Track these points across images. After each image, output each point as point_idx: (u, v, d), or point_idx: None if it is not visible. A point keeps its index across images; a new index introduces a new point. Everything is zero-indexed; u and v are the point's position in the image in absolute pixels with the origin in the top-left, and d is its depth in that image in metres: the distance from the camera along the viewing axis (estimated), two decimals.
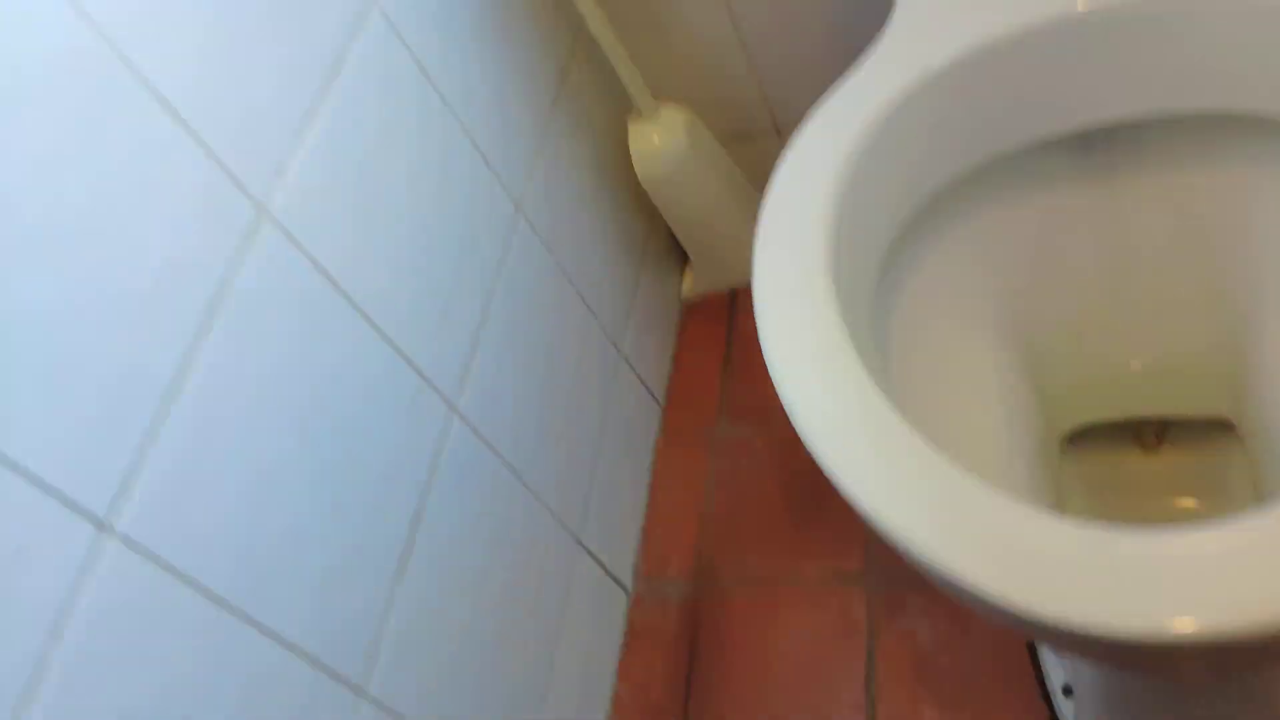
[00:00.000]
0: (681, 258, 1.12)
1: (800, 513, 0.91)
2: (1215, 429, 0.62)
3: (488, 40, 0.79)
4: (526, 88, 0.84)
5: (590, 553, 0.87)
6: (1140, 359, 0.63)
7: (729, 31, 0.95)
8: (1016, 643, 0.76)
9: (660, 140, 0.96)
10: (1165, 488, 0.66)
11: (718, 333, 1.07)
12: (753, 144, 1.04)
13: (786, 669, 0.83)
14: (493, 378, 0.77)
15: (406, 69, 0.69)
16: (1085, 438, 0.66)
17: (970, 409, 0.56)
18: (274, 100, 0.57)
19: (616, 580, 0.91)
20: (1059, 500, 0.59)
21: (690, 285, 1.11)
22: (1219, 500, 0.64)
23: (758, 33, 0.95)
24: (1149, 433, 0.66)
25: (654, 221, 1.06)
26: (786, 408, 0.46)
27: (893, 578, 0.84)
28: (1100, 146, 0.56)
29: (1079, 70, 0.52)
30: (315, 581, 0.56)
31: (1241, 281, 0.56)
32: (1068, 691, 0.69)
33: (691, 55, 0.98)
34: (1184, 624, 0.35)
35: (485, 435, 0.75)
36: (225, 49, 0.54)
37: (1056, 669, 0.71)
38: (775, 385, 0.47)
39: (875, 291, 0.54)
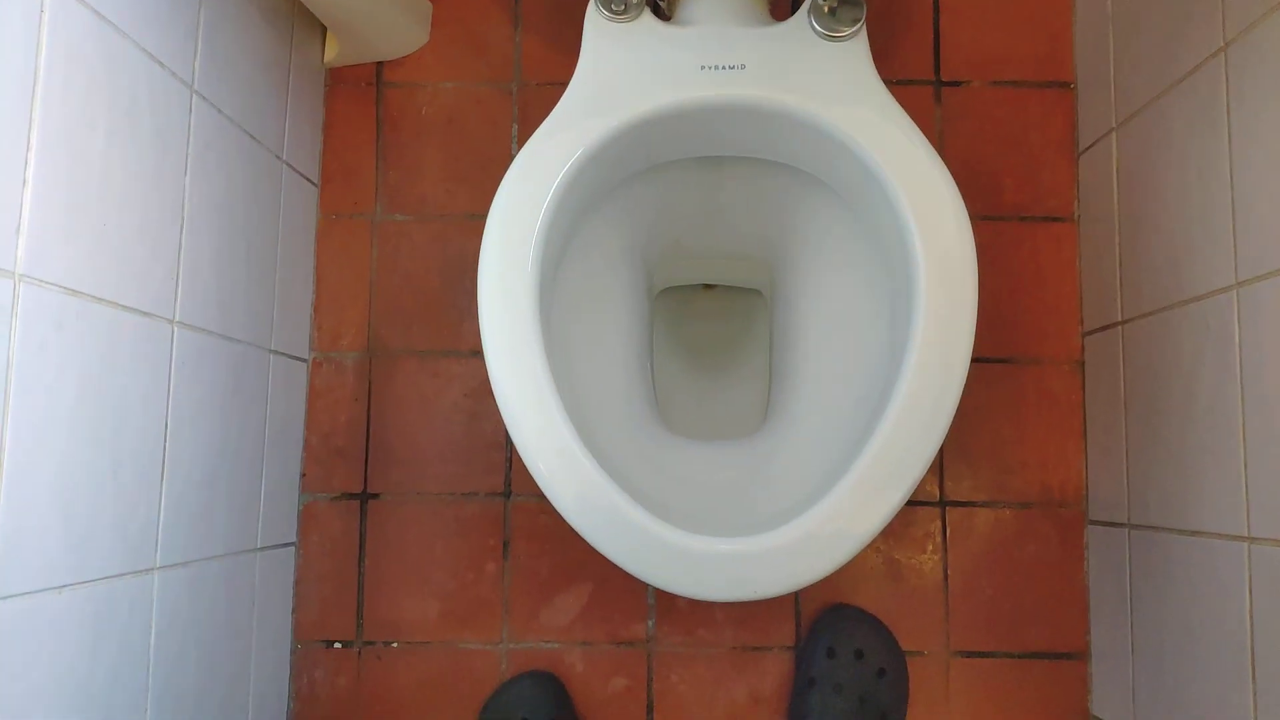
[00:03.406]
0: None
1: (456, 299, 1.06)
2: (750, 291, 1.05)
3: None
4: None
5: (279, 352, 0.98)
6: (714, 254, 0.99)
7: None
8: None
9: None
10: (715, 313, 1.08)
11: (367, 111, 1.07)
12: None
13: (446, 416, 1.04)
14: (196, 269, 0.81)
15: None
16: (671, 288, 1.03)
17: (608, 329, 0.89)
18: None
19: (296, 357, 1.03)
20: (651, 349, 0.96)
21: (332, 53, 1.05)
22: (746, 323, 1.06)
23: None
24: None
25: None
26: (490, 377, 0.72)
27: None
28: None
29: (702, 129, 0.82)
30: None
31: (775, 226, 0.92)
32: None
33: None
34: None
35: (200, 325, 0.82)
36: None
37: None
38: (485, 358, 0.72)
39: (559, 262, 0.82)
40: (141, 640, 0.74)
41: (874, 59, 0.80)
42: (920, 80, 1.05)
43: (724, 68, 0.78)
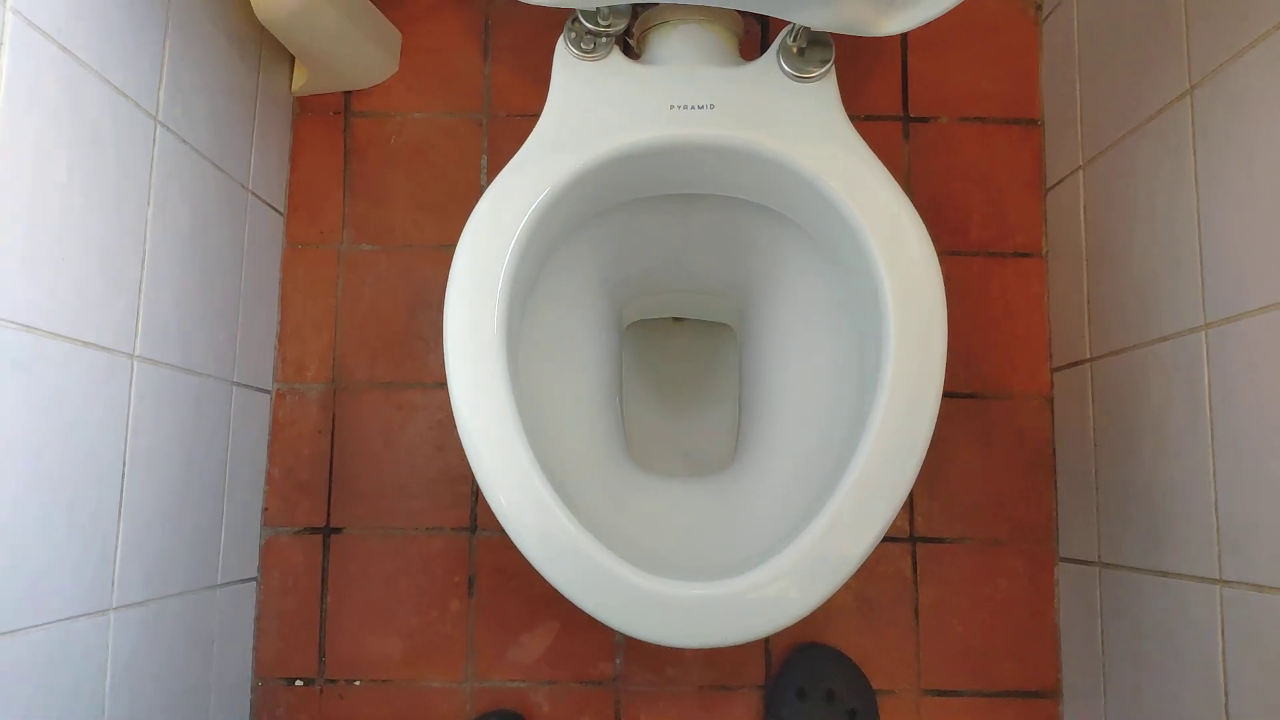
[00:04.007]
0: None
1: (422, 330, 1.04)
2: (719, 325, 1.05)
3: None
4: None
5: (242, 384, 0.97)
6: (683, 289, 0.99)
7: None
8: None
9: None
10: (685, 346, 1.08)
11: (334, 140, 1.06)
12: None
13: (411, 449, 1.02)
14: (157, 301, 0.80)
15: None
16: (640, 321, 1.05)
17: (577, 363, 0.88)
18: None
19: (259, 389, 1.01)
20: (620, 383, 0.95)
21: (300, 81, 1.04)
22: (716, 356, 1.06)
23: None
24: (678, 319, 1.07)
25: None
26: (454, 411, 0.71)
27: None
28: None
29: (671, 168, 0.82)
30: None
31: (744, 262, 0.92)
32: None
33: None
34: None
35: (161, 359, 0.80)
36: None
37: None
38: (450, 392, 0.72)
39: (527, 296, 0.82)
40: (96, 683, 0.72)
41: (843, 94, 0.81)
42: (889, 116, 1.05)
43: (693, 107, 0.78)
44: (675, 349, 1.06)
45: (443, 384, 1.02)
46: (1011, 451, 1.01)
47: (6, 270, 0.61)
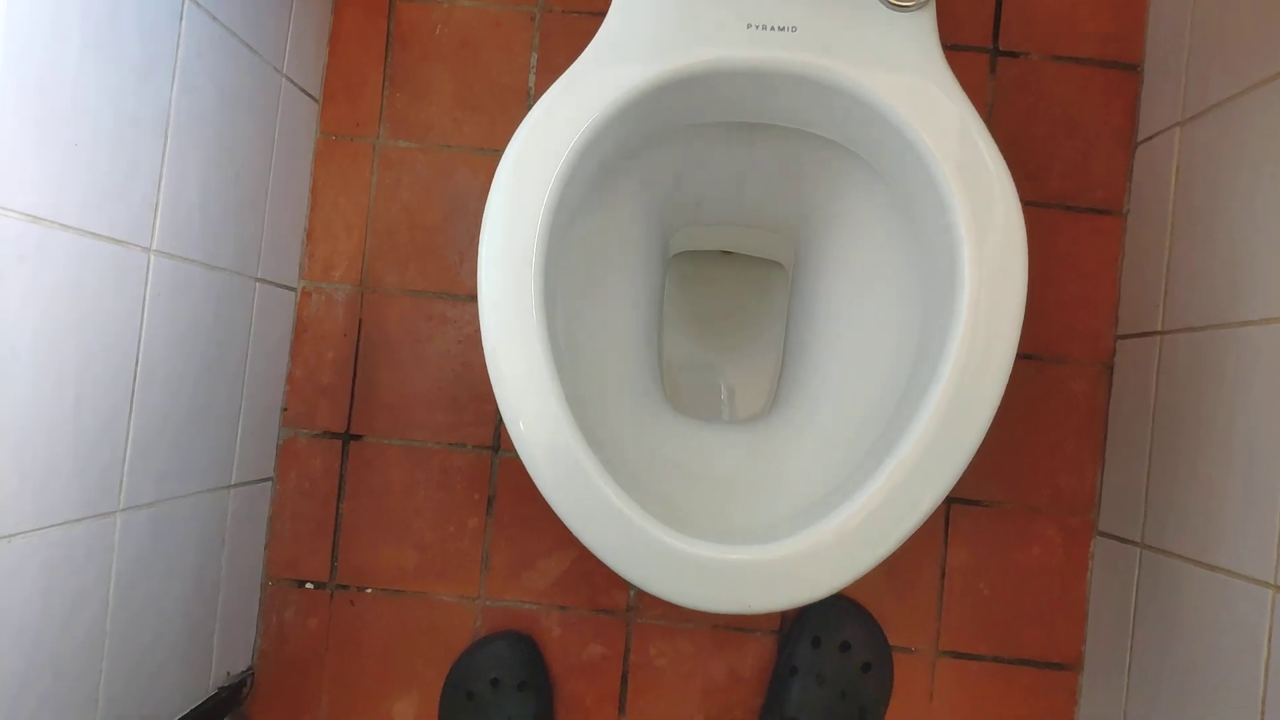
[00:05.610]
0: None
1: (456, 238, 0.99)
2: (770, 262, 1.00)
3: None
4: None
5: (266, 280, 0.92)
6: (737, 222, 0.93)
7: None
8: None
9: None
10: (732, 282, 1.02)
11: (377, 26, 0.99)
12: None
13: (438, 361, 0.99)
14: (178, 192, 0.75)
15: None
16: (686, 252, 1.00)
17: (617, 293, 0.84)
18: None
19: (284, 286, 0.97)
20: (660, 317, 0.92)
21: None
22: (763, 295, 1.00)
23: None
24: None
25: None
26: (482, 332, 0.68)
27: None
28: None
29: (742, 93, 0.76)
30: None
31: (806, 200, 0.86)
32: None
33: None
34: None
35: (180, 253, 0.76)
36: None
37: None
38: (479, 311, 0.68)
39: (572, 219, 0.75)
40: (99, 585, 0.70)
41: None
42: (976, 47, 0.97)
43: (773, 28, 0.71)
44: (721, 284, 1.01)
45: (474, 297, 0.98)
46: (1061, 417, 0.96)
47: (11, 157, 0.57)
